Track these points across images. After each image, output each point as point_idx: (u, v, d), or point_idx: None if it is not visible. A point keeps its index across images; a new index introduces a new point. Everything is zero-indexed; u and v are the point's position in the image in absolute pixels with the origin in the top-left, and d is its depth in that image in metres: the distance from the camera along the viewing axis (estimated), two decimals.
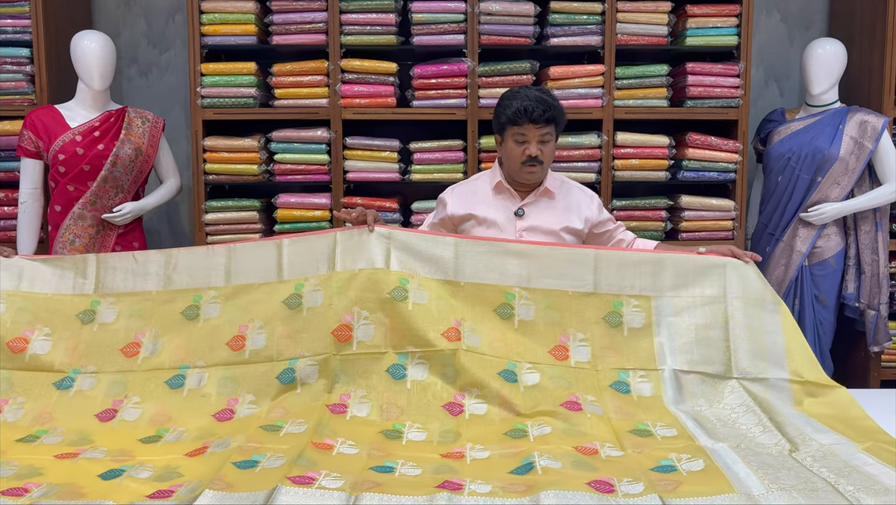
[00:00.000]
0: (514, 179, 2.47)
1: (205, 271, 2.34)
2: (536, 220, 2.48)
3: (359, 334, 2.20)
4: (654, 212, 3.33)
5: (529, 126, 2.35)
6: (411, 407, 2.11)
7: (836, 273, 3.30)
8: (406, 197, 3.50)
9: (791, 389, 2.15)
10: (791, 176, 3.26)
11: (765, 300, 2.26)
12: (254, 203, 3.25)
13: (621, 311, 2.26)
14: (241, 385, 2.18)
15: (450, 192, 2.55)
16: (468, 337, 2.18)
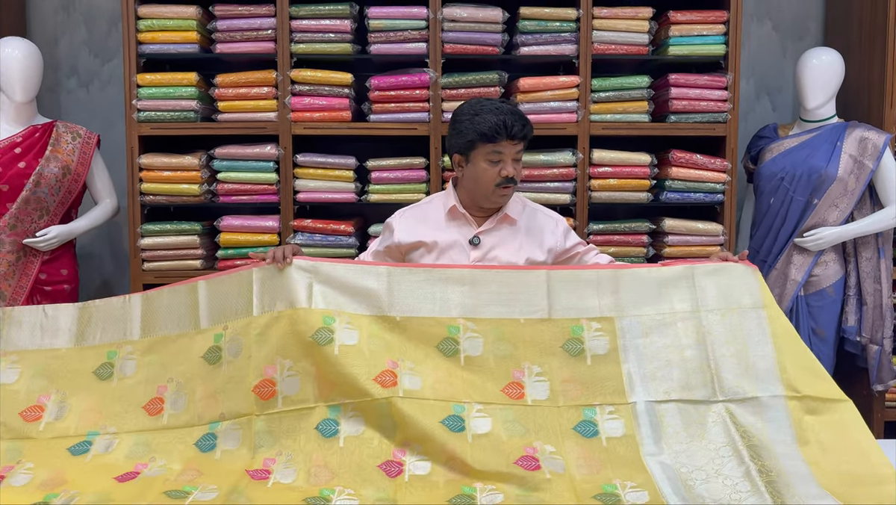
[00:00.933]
0: (479, 204, 2.19)
1: (120, 324, 2.09)
2: (494, 249, 2.20)
3: (283, 388, 1.92)
4: (634, 236, 3.04)
5: (506, 143, 2.09)
6: (343, 469, 1.83)
7: (834, 304, 3.01)
8: (365, 219, 3.21)
9: (787, 408, 1.88)
10: (785, 198, 2.98)
11: (744, 306, 2.00)
12: (194, 226, 2.96)
13: (582, 336, 1.99)
14: (156, 451, 1.93)
15: (398, 217, 2.27)
16: (406, 380, 1.89)
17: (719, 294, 2.02)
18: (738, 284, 2.04)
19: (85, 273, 3.42)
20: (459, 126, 2.14)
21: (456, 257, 2.18)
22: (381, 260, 2.24)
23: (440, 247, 2.18)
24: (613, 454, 1.85)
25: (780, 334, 1.98)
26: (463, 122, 2.13)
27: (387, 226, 2.28)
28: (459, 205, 2.20)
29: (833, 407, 1.89)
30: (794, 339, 2.00)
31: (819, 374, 1.95)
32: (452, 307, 2.00)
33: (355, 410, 1.89)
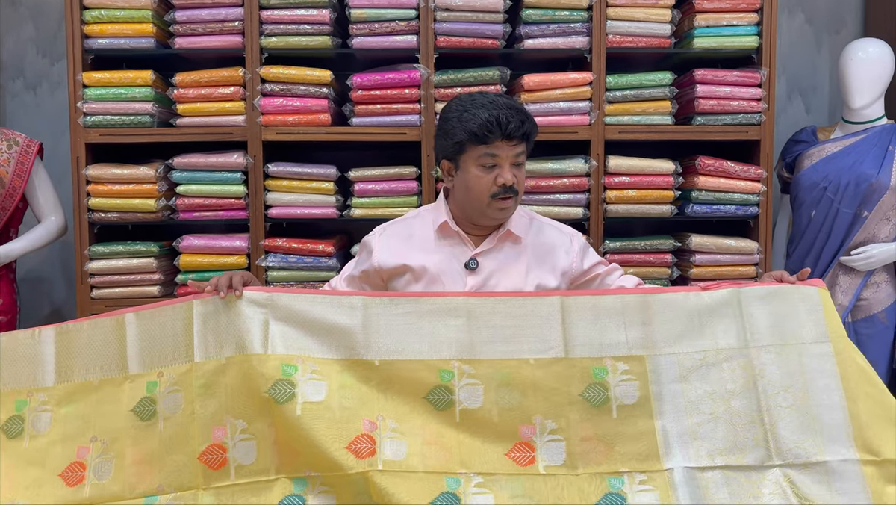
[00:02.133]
0: (474, 220, 1.81)
1: (29, 366, 1.69)
2: (495, 275, 1.82)
3: (236, 455, 1.55)
4: (656, 255, 2.65)
5: (502, 144, 1.71)
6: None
7: (887, 331, 2.62)
8: (348, 237, 2.83)
9: (863, 476, 1.53)
10: (828, 210, 2.60)
11: (806, 340, 1.63)
12: (150, 247, 2.57)
13: (606, 381, 1.61)
14: None
15: (378, 234, 1.89)
16: (388, 446, 1.51)
17: (774, 325, 1.65)
18: (797, 311, 1.66)
19: (32, 300, 3.04)
20: (446, 125, 1.77)
21: (449, 285, 1.79)
22: (356, 288, 1.86)
23: (430, 273, 1.80)
24: None
25: (851, 376, 1.60)
26: (450, 120, 1.76)
27: (364, 245, 1.90)
28: (452, 220, 1.82)
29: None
30: (872, 381, 1.61)
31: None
32: (444, 346, 1.61)
33: (325, 485, 1.51)
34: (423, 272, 1.79)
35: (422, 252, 1.81)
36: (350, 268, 1.91)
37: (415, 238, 1.84)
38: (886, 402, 1.60)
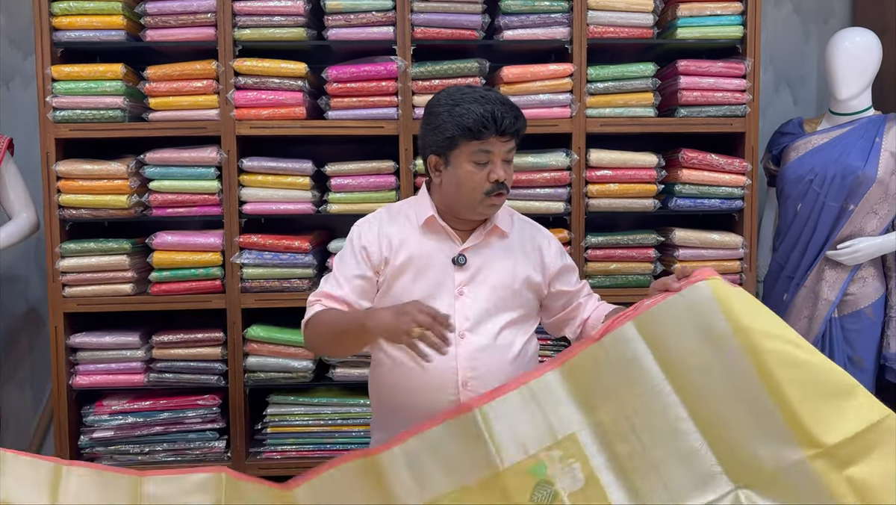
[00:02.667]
0: (461, 216, 1.76)
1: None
2: (483, 270, 1.76)
3: None
4: (639, 250, 2.60)
5: (495, 140, 1.67)
6: None
7: (873, 327, 2.58)
8: (330, 232, 2.78)
9: (816, 474, 1.39)
10: (814, 204, 2.55)
11: (714, 340, 1.48)
12: (123, 245, 2.52)
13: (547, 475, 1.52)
14: None
15: (366, 227, 1.79)
16: None
17: (676, 341, 1.51)
18: (693, 315, 1.50)
19: (9, 299, 2.99)
20: (436, 120, 1.70)
21: (438, 279, 1.73)
22: (367, 289, 1.76)
23: (417, 266, 1.73)
24: None
25: (766, 362, 1.44)
26: (440, 114, 1.69)
27: (353, 242, 1.78)
28: (438, 216, 1.76)
29: (874, 439, 1.40)
30: (795, 362, 1.44)
31: (838, 391, 1.43)
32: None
33: None
34: (412, 265, 1.73)
35: (408, 246, 1.75)
36: (350, 268, 1.76)
37: (401, 232, 1.76)
38: (818, 378, 1.43)
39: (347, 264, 1.76)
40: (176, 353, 2.55)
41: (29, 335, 3.07)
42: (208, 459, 2.57)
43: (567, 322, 1.89)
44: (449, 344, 1.50)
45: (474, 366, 1.70)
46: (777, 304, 2.67)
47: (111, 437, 2.54)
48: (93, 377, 2.54)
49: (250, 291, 2.54)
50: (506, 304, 1.76)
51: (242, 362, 2.55)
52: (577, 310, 1.87)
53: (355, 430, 2.59)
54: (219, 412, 2.58)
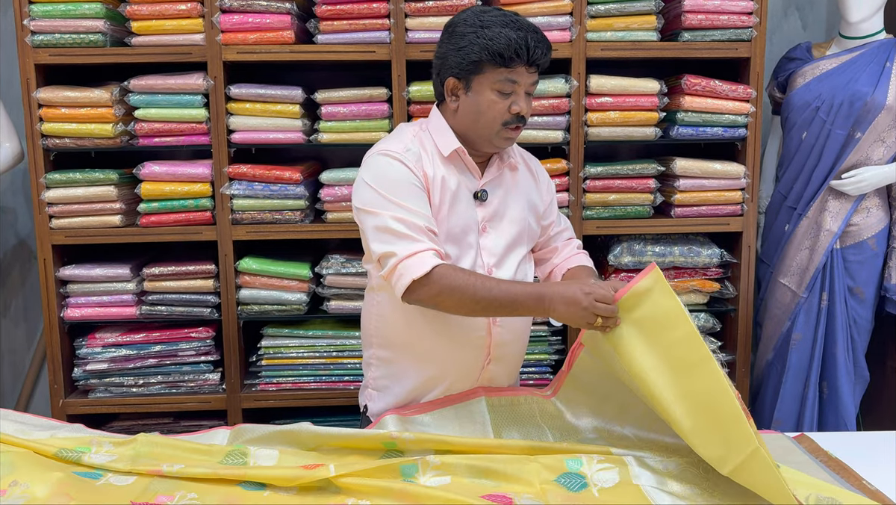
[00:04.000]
0: (476, 147, 1.68)
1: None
2: (502, 206, 1.71)
3: None
4: (639, 181, 2.54)
5: (523, 70, 1.58)
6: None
7: (875, 259, 2.54)
8: (321, 163, 2.71)
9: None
10: (820, 131, 2.48)
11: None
12: (109, 175, 2.45)
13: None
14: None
15: (406, 158, 1.62)
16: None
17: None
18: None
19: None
20: (460, 41, 1.59)
21: (465, 214, 1.66)
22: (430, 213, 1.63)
23: (447, 203, 1.64)
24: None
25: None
26: (466, 35, 1.58)
27: (407, 178, 1.61)
28: (464, 149, 1.66)
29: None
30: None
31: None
32: None
33: None
34: (444, 202, 1.64)
35: (439, 182, 1.64)
36: (418, 197, 1.60)
37: (431, 165, 1.65)
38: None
39: (411, 191, 1.60)
40: (168, 285, 2.51)
41: (20, 269, 3.03)
42: (203, 392, 2.56)
43: (541, 262, 1.87)
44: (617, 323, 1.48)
45: None
46: (778, 235, 2.63)
47: (105, 369, 2.53)
48: (84, 310, 2.51)
49: (241, 223, 2.49)
50: (521, 238, 1.74)
51: (235, 295, 2.52)
52: (552, 252, 1.86)
53: (350, 362, 2.57)
54: (213, 345, 2.56)
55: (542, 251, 1.85)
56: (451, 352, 1.69)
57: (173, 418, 2.67)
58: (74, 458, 1.52)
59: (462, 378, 1.71)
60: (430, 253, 1.55)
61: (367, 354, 1.83)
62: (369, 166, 1.64)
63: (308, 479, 1.45)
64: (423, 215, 1.59)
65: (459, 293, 1.54)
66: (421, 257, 1.54)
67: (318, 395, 2.56)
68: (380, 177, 1.60)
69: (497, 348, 1.71)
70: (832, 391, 2.57)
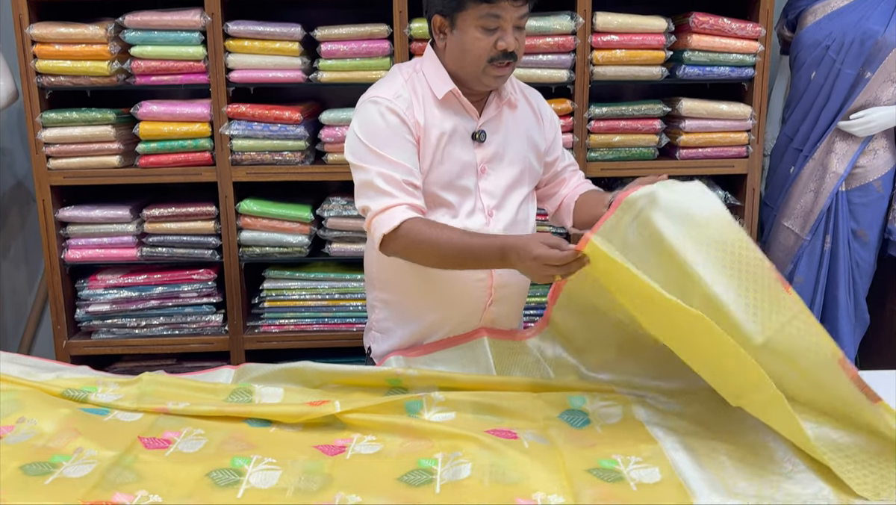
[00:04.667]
0: (467, 85, 1.63)
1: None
2: (501, 146, 1.67)
3: None
4: (644, 122, 2.51)
5: (507, 5, 1.52)
6: (267, 443, 1.41)
7: (881, 201, 2.53)
8: (321, 104, 2.67)
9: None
10: (830, 71, 2.43)
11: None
12: (106, 114, 2.42)
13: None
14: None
15: (394, 104, 1.59)
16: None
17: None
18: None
19: None
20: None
21: (462, 156, 1.63)
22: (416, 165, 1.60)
23: (442, 146, 1.61)
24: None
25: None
26: None
27: (393, 123, 1.58)
28: (458, 90, 1.62)
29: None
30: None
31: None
32: None
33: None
34: (439, 146, 1.61)
35: (433, 125, 1.61)
36: (402, 145, 1.57)
37: (424, 109, 1.61)
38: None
39: (397, 143, 1.57)
40: (168, 227, 2.50)
41: (20, 211, 3.01)
42: (206, 333, 2.57)
43: (549, 197, 1.84)
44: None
45: None
46: (783, 177, 2.61)
47: (107, 311, 2.53)
48: (85, 251, 2.50)
49: (241, 164, 2.46)
50: (522, 178, 1.71)
51: (237, 237, 2.50)
52: (560, 185, 1.83)
53: (352, 304, 2.57)
54: (215, 287, 2.56)
55: (548, 186, 1.82)
56: (452, 294, 1.68)
57: (176, 360, 2.69)
58: (81, 397, 1.53)
59: (464, 320, 1.71)
60: (402, 208, 1.55)
61: (370, 297, 1.82)
62: (358, 113, 1.62)
63: (313, 415, 1.46)
64: (403, 168, 1.56)
65: (425, 247, 1.53)
66: (391, 213, 1.54)
67: (321, 336, 2.57)
68: (366, 126, 1.59)
69: (498, 290, 1.70)
70: (833, 334, 2.54)
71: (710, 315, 1.28)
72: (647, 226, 1.39)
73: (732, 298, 1.31)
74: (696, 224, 1.36)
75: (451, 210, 1.64)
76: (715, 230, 1.36)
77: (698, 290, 1.32)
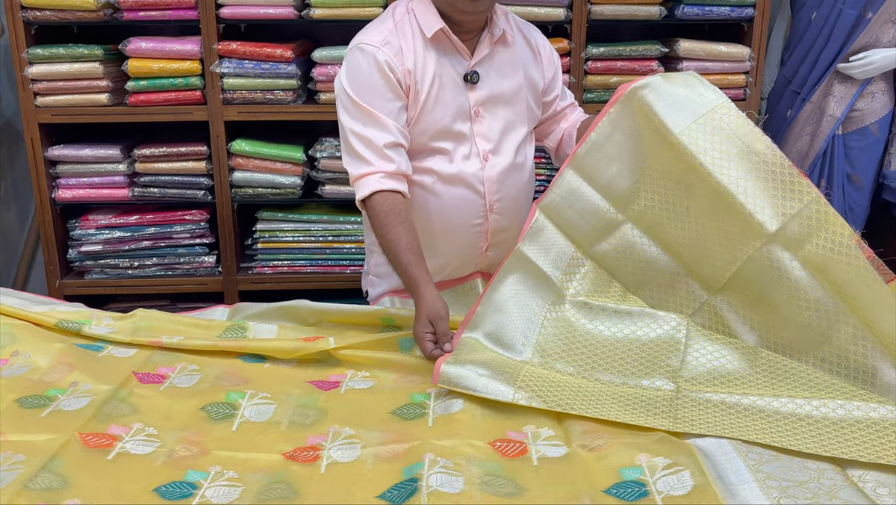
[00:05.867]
0: (448, 16, 1.57)
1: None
2: (496, 87, 1.63)
3: None
4: (642, 62, 2.47)
5: None
6: (262, 378, 1.43)
7: (877, 145, 2.52)
8: (313, 42, 2.62)
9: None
10: (831, 11, 2.40)
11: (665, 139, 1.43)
12: (94, 51, 2.37)
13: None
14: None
15: (383, 52, 1.55)
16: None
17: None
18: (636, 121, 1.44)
19: None
20: None
21: (454, 99, 1.59)
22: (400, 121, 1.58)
23: (433, 90, 1.57)
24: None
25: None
26: None
27: (381, 74, 1.54)
28: (447, 28, 1.57)
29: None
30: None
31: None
32: None
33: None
34: (430, 91, 1.57)
35: (423, 69, 1.57)
36: (388, 99, 1.54)
37: (413, 52, 1.57)
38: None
39: (382, 95, 1.54)
40: (160, 167, 2.47)
41: (8, 150, 2.97)
42: (199, 274, 2.57)
43: (549, 133, 1.81)
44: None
45: (499, 189, 1.64)
46: (780, 120, 2.59)
47: (100, 251, 2.53)
48: (75, 191, 2.48)
49: (232, 103, 2.43)
50: (519, 118, 1.67)
51: (229, 177, 2.48)
52: (560, 119, 1.79)
53: (346, 246, 2.57)
54: (207, 228, 2.55)
55: (548, 122, 1.79)
56: (448, 238, 1.68)
57: (170, 301, 2.70)
58: (74, 329, 1.54)
59: (461, 265, 1.71)
60: (376, 177, 1.53)
61: (367, 241, 1.82)
62: (347, 61, 1.59)
63: (308, 350, 1.47)
64: (384, 127, 1.53)
65: (378, 230, 1.53)
66: (365, 181, 1.53)
67: (316, 278, 2.57)
68: (352, 76, 1.56)
69: (495, 235, 1.69)
70: None
71: (717, 206, 1.30)
72: (648, 118, 1.41)
73: (742, 188, 1.33)
74: (697, 113, 1.38)
75: (446, 156, 1.62)
76: (720, 119, 1.38)
77: (705, 184, 1.36)
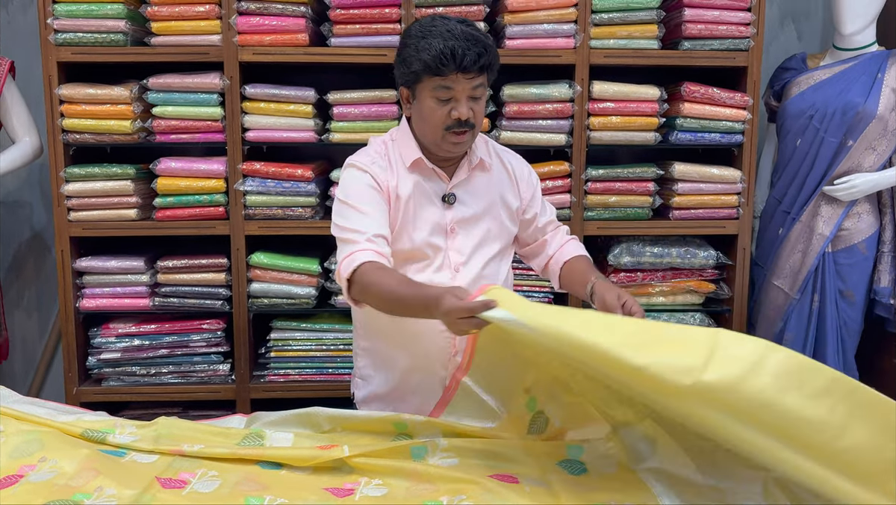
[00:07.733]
0: (431, 151, 1.74)
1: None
2: (471, 207, 1.77)
3: None
4: (639, 184, 2.63)
5: (457, 77, 1.62)
6: (280, 484, 1.48)
7: (866, 262, 2.63)
8: (331, 162, 2.79)
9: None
10: (814, 139, 2.57)
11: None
12: (127, 170, 2.53)
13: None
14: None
15: (369, 167, 1.73)
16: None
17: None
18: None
19: (12, 225, 3.02)
20: (404, 52, 1.67)
21: (432, 218, 1.74)
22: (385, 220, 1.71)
23: (412, 209, 1.72)
24: None
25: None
26: (408, 46, 1.65)
27: (366, 182, 1.71)
28: (424, 157, 1.74)
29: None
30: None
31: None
32: None
33: None
34: (408, 209, 1.73)
35: (403, 190, 1.73)
36: (371, 198, 1.69)
37: (393, 177, 1.74)
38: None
39: (371, 199, 1.69)
40: (181, 278, 2.59)
41: (35, 261, 3.11)
42: (213, 382, 2.64)
43: (534, 256, 1.93)
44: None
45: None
46: (772, 238, 2.72)
47: (118, 358, 2.61)
48: (99, 300, 2.59)
49: (254, 219, 2.57)
50: (492, 236, 1.80)
51: (246, 288, 2.60)
52: (542, 246, 1.90)
53: None
54: (223, 336, 2.64)
55: (533, 245, 1.91)
56: (418, 343, 1.76)
57: (183, 408, 2.74)
58: (100, 437, 1.60)
59: (432, 368, 1.79)
60: (364, 252, 1.61)
61: (355, 346, 1.93)
62: (342, 178, 1.77)
63: (323, 458, 1.53)
64: (373, 220, 1.66)
65: (375, 290, 1.59)
66: (353, 257, 1.62)
67: (326, 386, 2.64)
68: (345, 186, 1.73)
69: (462, 340, 1.73)
70: None
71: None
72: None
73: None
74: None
75: (420, 265, 1.74)
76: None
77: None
